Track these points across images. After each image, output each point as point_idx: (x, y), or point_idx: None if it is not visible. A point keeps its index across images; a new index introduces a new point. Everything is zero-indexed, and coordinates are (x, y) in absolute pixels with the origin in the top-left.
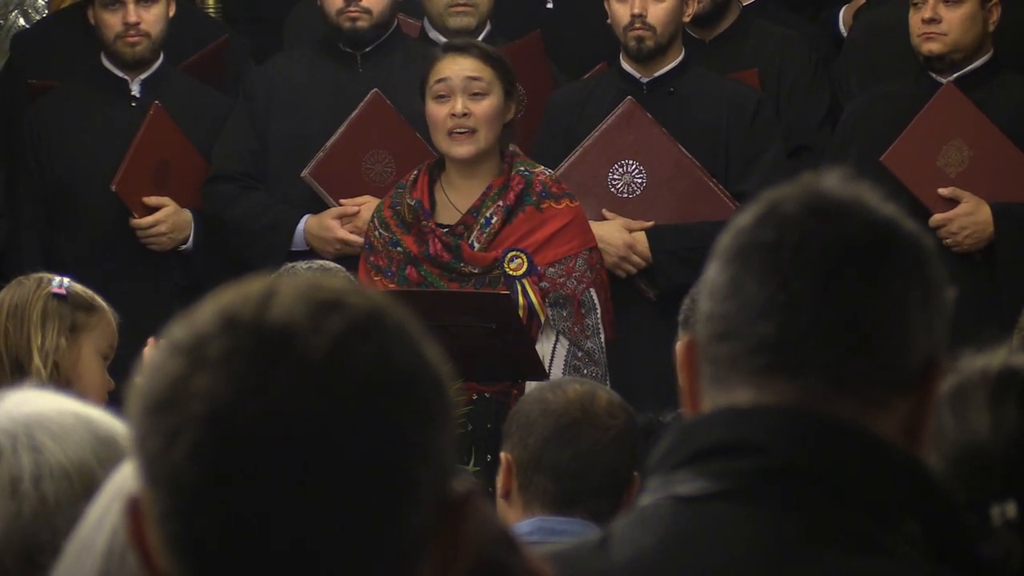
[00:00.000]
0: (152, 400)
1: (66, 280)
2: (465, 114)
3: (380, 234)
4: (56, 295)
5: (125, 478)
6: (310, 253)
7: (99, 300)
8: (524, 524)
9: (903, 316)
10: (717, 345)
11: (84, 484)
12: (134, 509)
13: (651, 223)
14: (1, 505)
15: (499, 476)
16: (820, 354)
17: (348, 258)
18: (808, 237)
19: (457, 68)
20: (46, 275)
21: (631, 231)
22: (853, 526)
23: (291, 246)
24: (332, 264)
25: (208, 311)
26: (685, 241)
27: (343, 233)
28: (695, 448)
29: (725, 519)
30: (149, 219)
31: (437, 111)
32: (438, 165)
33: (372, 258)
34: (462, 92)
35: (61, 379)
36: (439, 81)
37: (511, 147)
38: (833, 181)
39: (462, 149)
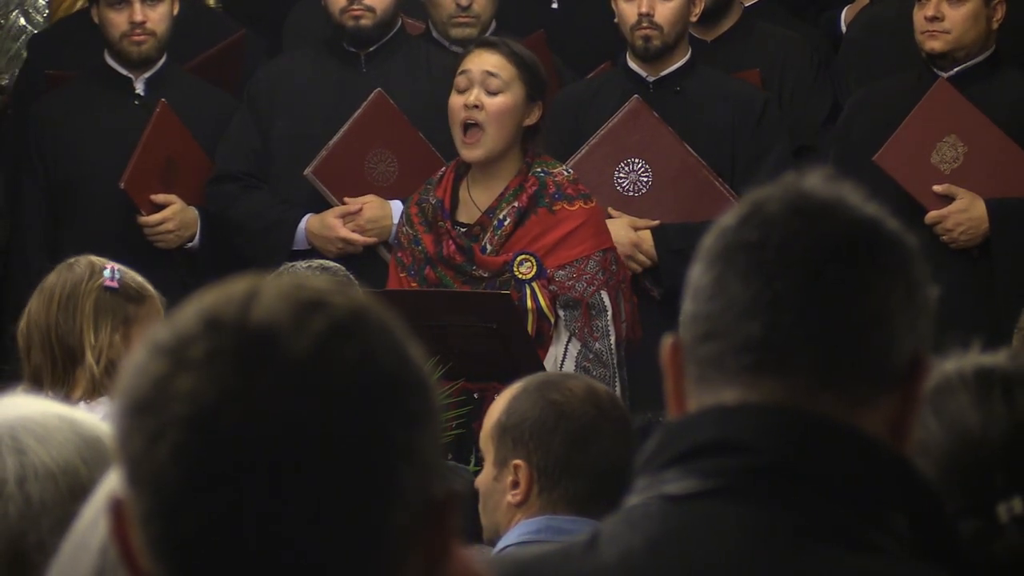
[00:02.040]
0: (135, 401)
1: (117, 269)
2: (476, 106)
3: (406, 231)
4: (108, 288)
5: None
6: (312, 252)
7: (148, 287)
8: (531, 523)
9: (887, 314)
10: (702, 345)
11: (70, 485)
12: (117, 510)
13: (657, 222)
14: None
15: (509, 483)
16: (805, 352)
17: (350, 257)
18: (792, 236)
19: (479, 62)
20: (96, 261)
21: (637, 229)
22: (841, 523)
23: (293, 245)
24: (332, 263)
25: (191, 312)
26: (691, 240)
27: (345, 232)
28: (683, 447)
29: (713, 517)
30: (156, 217)
31: (455, 101)
32: (466, 162)
33: (400, 254)
34: (479, 85)
35: (115, 374)
36: (461, 73)
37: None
38: (816, 181)
39: (472, 152)
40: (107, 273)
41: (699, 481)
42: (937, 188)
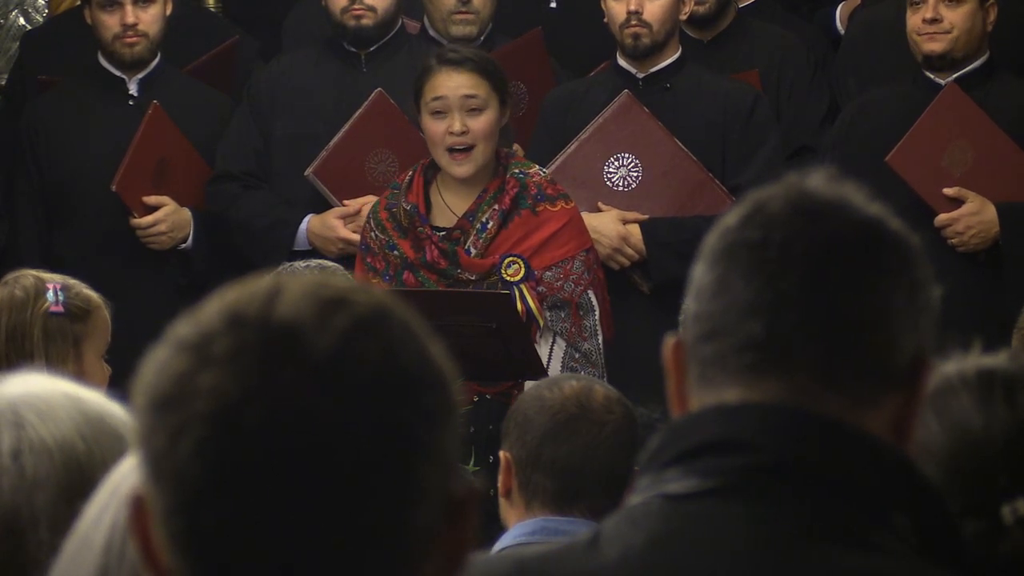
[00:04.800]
0: (157, 397)
1: (59, 289)
2: (463, 132)
3: (376, 236)
4: (54, 313)
5: (123, 475)
6: (313, 252)
7: (92, 299)
8: (527, 524)
9: (889, 314)
10: (704, 345)
11: (66, 461)
12: (137, 506)
13: (646, 217)
14: None
15: (500, 475)
16: (807, 352)
17: (350, 258)
18: (794, 236)
19: (453, 85)
20: (38, 280)
21: (625, 223)
22: (843, 522)
23: (294, 245)
24: (331, 263)
25: (214, 308)
26: (679, 234)
27: (346, 233)
28: (684, 447)
29: (715, 516)
30: (149, 218)
31: (435, 128)
32: (433, 166)
33: (369, 259)
34: (459, 109)
35: None
36: (435, 99)
37: (514, 147)
38: (818, 180)
39: (461, 169)
40: (50, 297)
41: (700, 480)
42: (948, 191)
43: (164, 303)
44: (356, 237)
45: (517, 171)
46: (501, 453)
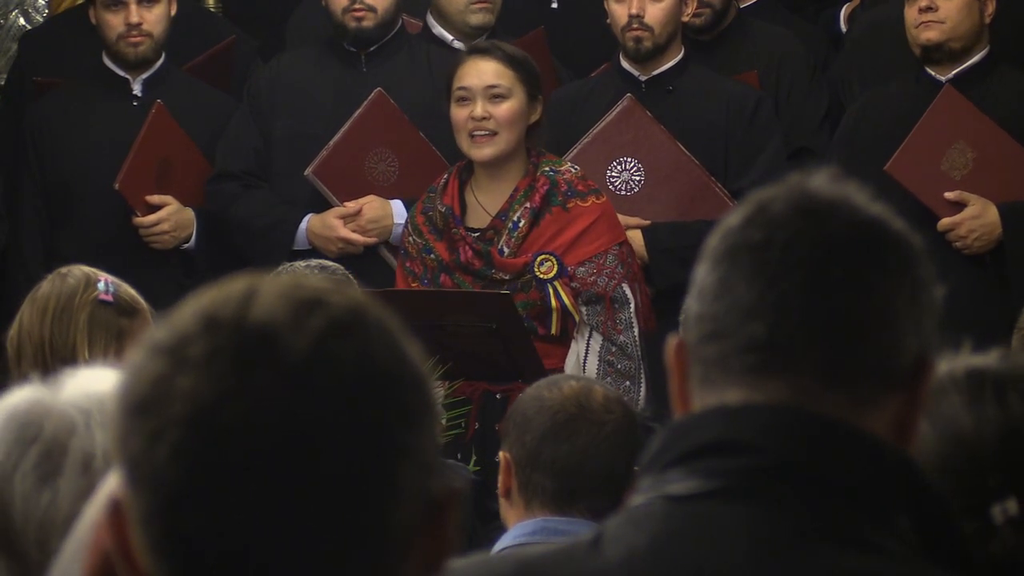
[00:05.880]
0: (134, 401)
1: (111, 282)
2: (485, 118)
3: (414, 240)
4: (103, 302)
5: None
6: (313, 252)
7: (139, 300)
8: (527, 524)
9: (891, 314)
10: (707, 345)
11: None
12: (116, 511)
13: (648, 222)
14: (73, 481)
15: (500, 475)
16: (810, 352)
17: (351, 257)
18: (796, 236)
19: (477, 74)
20: (90, 272)
21: (627, 228)
22: (846, 524)
23: (294, 245)
24: (331, 263)
25: (189, 311)
26: (681, 239)
27: (346, 232)
28: (686, 447)
29: (717, 518)
30: (152, 218)
31: (459, 114)
32: (468, 167)
33: (408, 264)
34: (482, 97)
35: None
36: (460, 87)
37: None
38: (821, 181)
39: (482, 152)
40: (101, 286)
41: (702, 481)
42: (949, 195)
43: (166, 303)
44: (356, 237)
45: (547, 169)
46: (501, 453)
